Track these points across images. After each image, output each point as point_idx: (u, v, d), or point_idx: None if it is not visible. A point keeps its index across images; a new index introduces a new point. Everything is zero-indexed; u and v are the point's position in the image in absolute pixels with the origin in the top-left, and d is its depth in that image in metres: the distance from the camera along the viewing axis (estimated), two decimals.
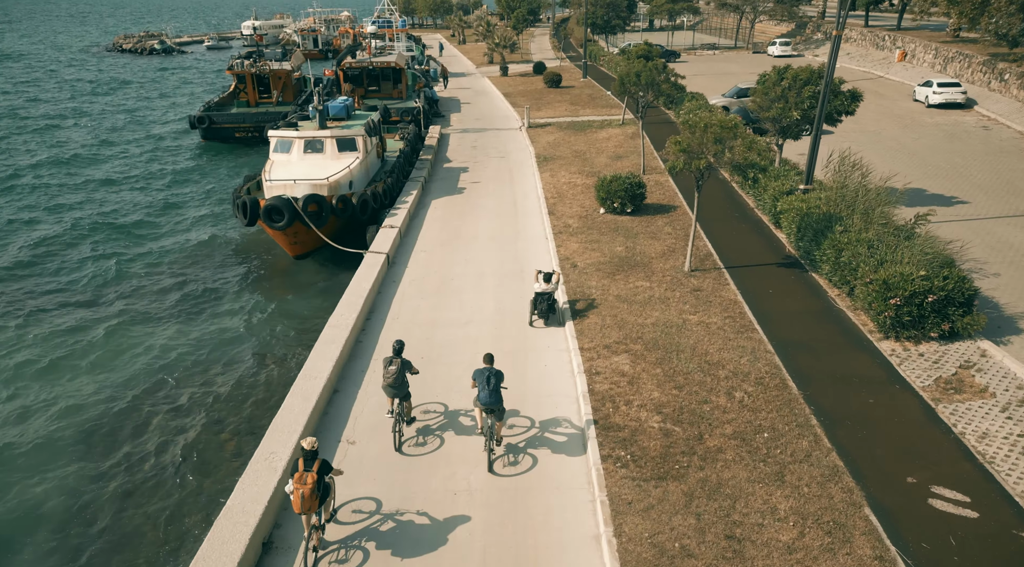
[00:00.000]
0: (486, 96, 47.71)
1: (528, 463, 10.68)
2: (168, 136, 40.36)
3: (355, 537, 9.26)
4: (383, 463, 10.70)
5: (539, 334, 14.65)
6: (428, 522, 9.51)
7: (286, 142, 23.17)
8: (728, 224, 20.44)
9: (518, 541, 9.17)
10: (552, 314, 14.97)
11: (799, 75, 19.39)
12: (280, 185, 20.45)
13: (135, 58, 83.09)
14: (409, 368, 10.80)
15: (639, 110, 25.35)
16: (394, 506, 9.76)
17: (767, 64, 59.14)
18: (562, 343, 14.25)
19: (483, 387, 10.30)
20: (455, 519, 9.56)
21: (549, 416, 11.82)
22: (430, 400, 12.32)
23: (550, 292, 14.67)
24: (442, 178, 27.70)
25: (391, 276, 18.06)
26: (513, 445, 11.10)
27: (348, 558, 8.91)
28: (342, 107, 25.27)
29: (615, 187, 21.20)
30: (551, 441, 11.19)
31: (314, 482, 8.30)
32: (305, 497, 8.24)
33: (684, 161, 15.24)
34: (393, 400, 10.92)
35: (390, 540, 9.19)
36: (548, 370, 13.27)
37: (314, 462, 8.46)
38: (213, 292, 20.29)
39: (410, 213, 22.50)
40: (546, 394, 12.44)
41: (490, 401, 10.27)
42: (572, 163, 28.41)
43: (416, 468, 10.60)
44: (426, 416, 11.88)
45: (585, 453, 10.82)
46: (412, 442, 11.21)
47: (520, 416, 11.84)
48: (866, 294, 13.72)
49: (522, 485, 10.20)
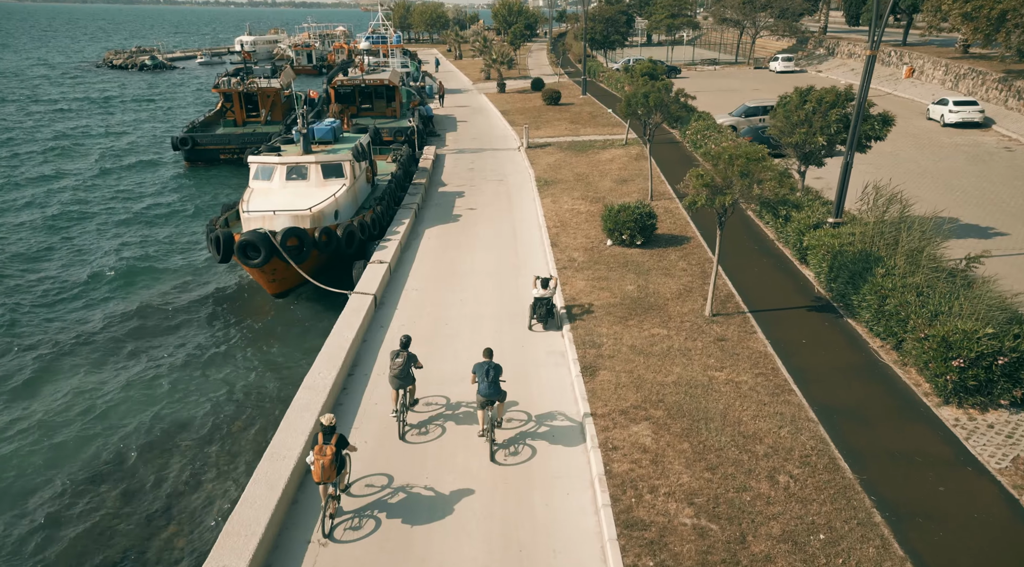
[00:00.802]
0: (483, 114, 46.22)
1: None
2: (149, 158, 38.44)
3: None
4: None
5: (545, 387, 12.86)
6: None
7: (267, 168, 21.44)
8: (748, 258, 18.72)
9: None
10: (551, 318, 15.44)
11: (824, 97, 17.78)
12: (258, 217, 18.68)
13: (124, 74, 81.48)
14: (415, 361, 11.42)
15: (646, 132, 23.75)
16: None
17: (769, 80, 56.94)
18: (572, 406, 12.44)
19: (482, 379, 10.83)
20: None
21: (560, 506, 10.00)
22: (411, 482, 10.49)
23: (548, 297, 15.11)
24: (436, 204, 25.99)
25: (379, 320, 16.25)
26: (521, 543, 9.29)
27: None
28: (328, 130, 23.59)
29: (623, 218, 19.49)
30: (565, 554, 9.37)
31: (333, 454, 8.99)
32: (325, 467, 8.97)
33: (706, 197, 13.53)
34: (398, 392, 11.45)
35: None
36: (557, 448, 11.45)
37: (332, 436, 9.17)
38: (179, 335, 18.42)
39: (401, 245, 20.73)
40: (554, 476, 10.62)
41: (489, 393, 10.79)
42: (574, 187, 26.75)
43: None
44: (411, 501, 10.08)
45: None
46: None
47: (526, 505, 10.02)
48: (920, 351, 11.97)
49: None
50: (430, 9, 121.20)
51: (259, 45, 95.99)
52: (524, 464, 10.94)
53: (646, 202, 20.32)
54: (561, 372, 13.65)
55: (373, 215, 21.49)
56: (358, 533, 9.59)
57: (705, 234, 20.72)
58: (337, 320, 15.32)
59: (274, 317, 19.23)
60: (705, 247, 19.85)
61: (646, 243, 19.93)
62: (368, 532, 9.59)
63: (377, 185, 26.13)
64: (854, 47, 60.16)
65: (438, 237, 22.09)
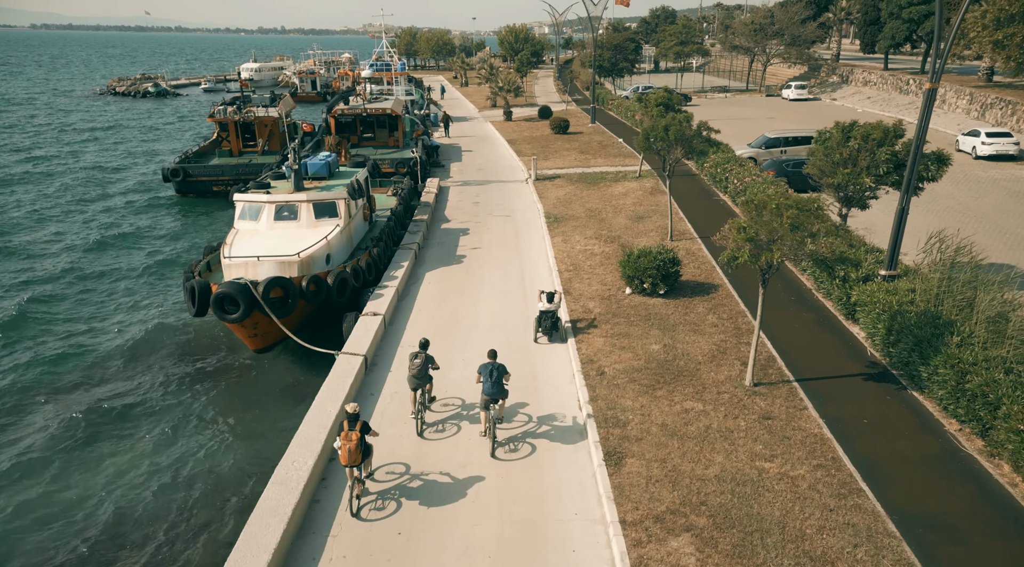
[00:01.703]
0: (489, 143, 44.70)
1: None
2: (138, 190, 36.75)
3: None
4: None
5: (561, 480, 10.78)
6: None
7: (254, 208, 19.64)
8: (785, 312, 16.68)
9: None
10: (555, 331, 15.94)
11: (871, 133, 15.91)
12: (240, 264, 16.82)
13: (127, 101, 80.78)
14: (432, 362, 12.22)
15: (666, 168, 21.94)
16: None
17: (783, 108, 55.03)
18: (594, 507, 10.35)
19: (487, 379, 11.48)
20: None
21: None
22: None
23: (553, 310, 15.64)
24: (439, 243, 24.14)
25: (369, 385, 14.24)
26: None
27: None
28: (323, 165, 21.85)
29: (644, 264, 17.55)
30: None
31: (358, 439, 9.73)
32: (351, 451, 9.71)
33: (750, 252, 11.58)
34: (415, 393, 12.19)
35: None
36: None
37: (356, 422, 9.89)
38: (140, 398, 16.34)
39: (398, 292, 18.82)
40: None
41: (492, 392, 11.46)
42: (587, 224, 24.88)
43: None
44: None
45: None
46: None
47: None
48: (1018, 446, 9.88)
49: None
50: (436, 36, 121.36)
51: (264, 72, 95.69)
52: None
53: (668, 247, 18.39)
54: (580, 457, 11.58)
55: (369, 259, 19.62)
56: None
57: (734, 281, 18.73)
58: (320, 389, 13.31)
59: (256, 377, 17.22)
60: (735, 296, 17.84)
61: (669, 292, 17.96)
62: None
63: (376, 222, 24.34)
64: (869, 75, 58.73)
65: (440, 282, 20.17)
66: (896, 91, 53.69)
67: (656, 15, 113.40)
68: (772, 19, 64.90)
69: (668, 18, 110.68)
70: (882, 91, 55.63)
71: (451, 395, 13.68)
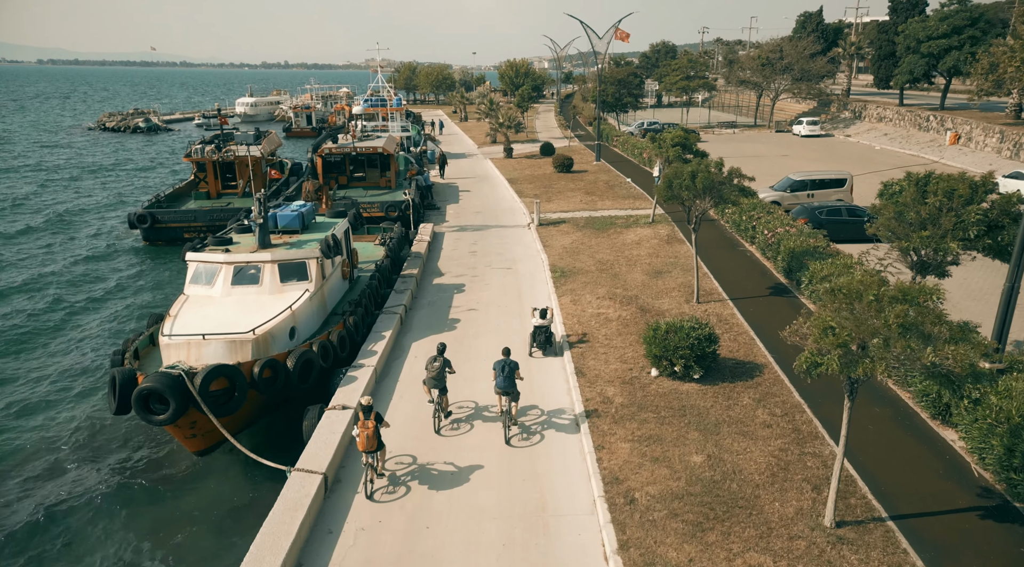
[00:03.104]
0: (488, 182, 42.00)
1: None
2: (103, 237, 33.40)
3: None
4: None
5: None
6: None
7: (209, 269, 16.58)
8: (860, 409, 13.44)
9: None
10: (549, 346, 16.62)
11: (956, 189, 12.92)
12: (181, 345, 13.66)
13: (117, 137, 78.20)
14: (449, 366, 13.05)
15: (690, 220, 18.98)
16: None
17: (796, 145, 51.71)
18: None
19: (499, 374, 12.61)
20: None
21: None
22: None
23: (547, 326, 16.34)
24: (430, 302, 21.04)
25: (328, 517, 10.94)
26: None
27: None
28: (295, 216, 18.88)
29: (675, 342, 14.41)
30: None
31: (374, 427, 10.90)
32: (369, 437, 10.87)
33: (840, 361, 8.45)
34: (432, 391, 13.13)
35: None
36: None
37: (371, 413, 11.06)
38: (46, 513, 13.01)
39: (377, 374, 15.63)
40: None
41: (505, 386, 12.60)
42: (598, 280, 21.83)
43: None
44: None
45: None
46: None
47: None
48: None
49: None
50: (436, 71, 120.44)
51: (260, 106, 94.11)
52: None
53: (701, 319, 15.32)
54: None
55: (343, 330, 16.49)
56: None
57: (781, 360, 15.55)
58: (259, 533, 10.01)
59: (192, 487, 13.83)
60: (785, 382, 14.64)
61: (705, 375, 14.77)
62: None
63: (358, 279, 21.30)
64: (884, 110, 56.50)
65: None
66: (915, 128, 51.30)
67: (656, 50, 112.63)
68: (781, 54, 63.06)
69: (668, 53, 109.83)
70: (899, 128, 53.27)
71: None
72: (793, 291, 20.25)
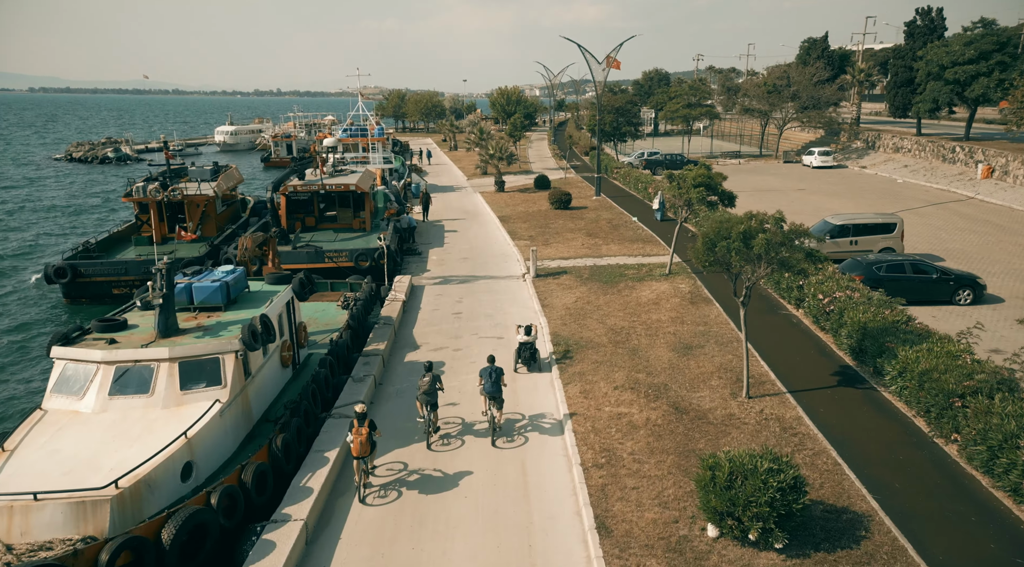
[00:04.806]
0: (478, 220, 37.55)
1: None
2: (18, 292, 28.10)
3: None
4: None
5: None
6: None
7: (82, 371, 11.82)
8: None
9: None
10: (534, 362, 16.93)
11: None
12: (1, 510, 8.86)
13: (82, 168, 72.84)
14: (438, 381, 13.20)
15: (738, 293, 14.46)
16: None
17: (809, 177, 46.62)
18: None
19: (487, 380, 13.24)
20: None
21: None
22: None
23: (531, 342, 16.71)
24: (398, 391, 16.36)
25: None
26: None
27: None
28: (216, 288, 14.18)
29: (746, 492, 9.74)
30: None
31: (367, 433, 11.43)
32: (362, 443, 11.37)
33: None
34: (424, 407, 13.16)
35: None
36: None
37: (365, 420, 11.51)
38: None
39: (308, 531, 10.81)
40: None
41: (492, 390, 13.21)
42: (614, 360, 17.22)
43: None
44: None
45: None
46: None
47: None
48: None
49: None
50: (425, 98, 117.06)
51: (240, 135, 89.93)
52: None
53: (782, 456, 10.70)
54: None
55: (274, 451, 11.73)
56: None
57: (883, 499, 10.91)
58: None
59: None
60: (911, 551, 9.95)
61: (790, 544, 10.03)
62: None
63: (308, 358, 16.61)
64: (901, 141, 52.83)
65: (391, 488, 12.24)
66: (938, 159, 47.51)
67: (650, 77, 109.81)
68: (788, 80, 59.62)
69: (662, 80, 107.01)
70: (920, 159, 49.50)
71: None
72: (867, 380, 15.68)
